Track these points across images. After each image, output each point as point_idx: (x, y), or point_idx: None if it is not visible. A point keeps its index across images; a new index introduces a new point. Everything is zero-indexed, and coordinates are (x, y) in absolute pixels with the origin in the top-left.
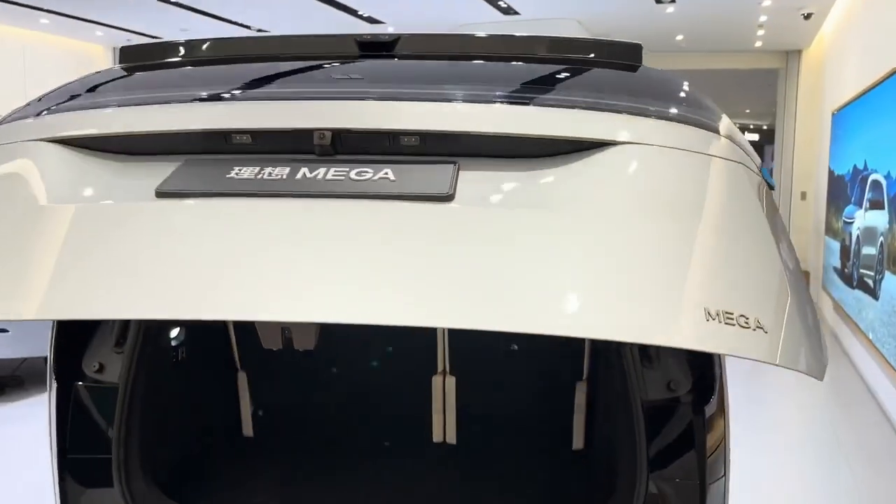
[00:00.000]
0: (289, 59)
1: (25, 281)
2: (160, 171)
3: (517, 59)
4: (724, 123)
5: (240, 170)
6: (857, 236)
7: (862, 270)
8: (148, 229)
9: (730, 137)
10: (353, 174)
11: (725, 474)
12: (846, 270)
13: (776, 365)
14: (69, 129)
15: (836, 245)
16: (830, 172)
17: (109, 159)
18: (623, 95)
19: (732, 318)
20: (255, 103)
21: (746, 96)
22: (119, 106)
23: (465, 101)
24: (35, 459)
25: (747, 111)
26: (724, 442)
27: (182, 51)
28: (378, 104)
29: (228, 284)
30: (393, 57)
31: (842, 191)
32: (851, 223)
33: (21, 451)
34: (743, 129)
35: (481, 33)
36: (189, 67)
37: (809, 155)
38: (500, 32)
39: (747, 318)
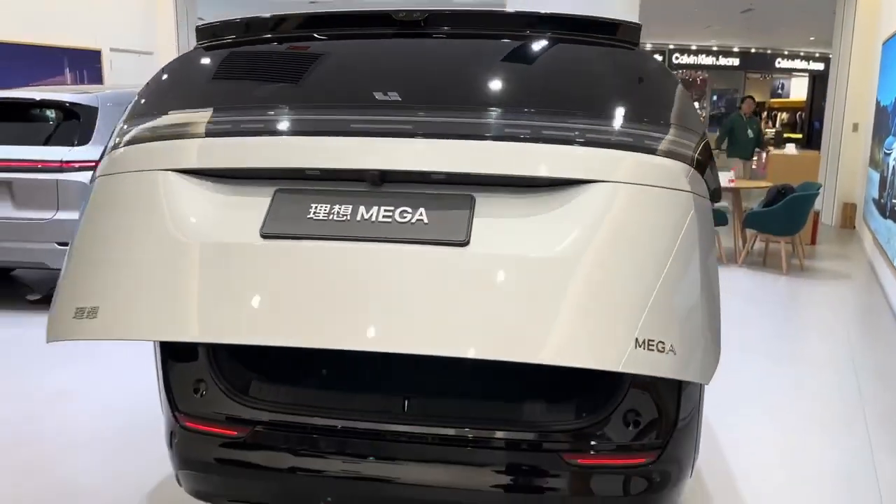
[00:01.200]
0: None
1: (171, 309)
2: (257, 202)
3: (516, 38)
4: (685, 136)
5: (316, 208)
6: (894, 167)
7: (894, 200)
8: (259, 267)
9: (684, 156)
10: (397, 215)
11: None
12: (882, 201)
13: (676, 378)
14: (189, 161)
15: (876, 176)
16: (877, 104)
17: (215, 189)
18: (600, 118)
19: (653, 345)
20: (325, 140)
21: (810, 24)
22: (223, 135)
23: (477, 137)
24: (114, 349)
25: (811, 38)
26: None
27: (250, 31)
28: (415, 145)
29: (307, 317)
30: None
31: (885, 122)
32: (890, 154)
33: (105, 347)
34: (808, 57)
35: (490, 12)
36: (260, 65)
37: (863, 86)
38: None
39: (664, 344)
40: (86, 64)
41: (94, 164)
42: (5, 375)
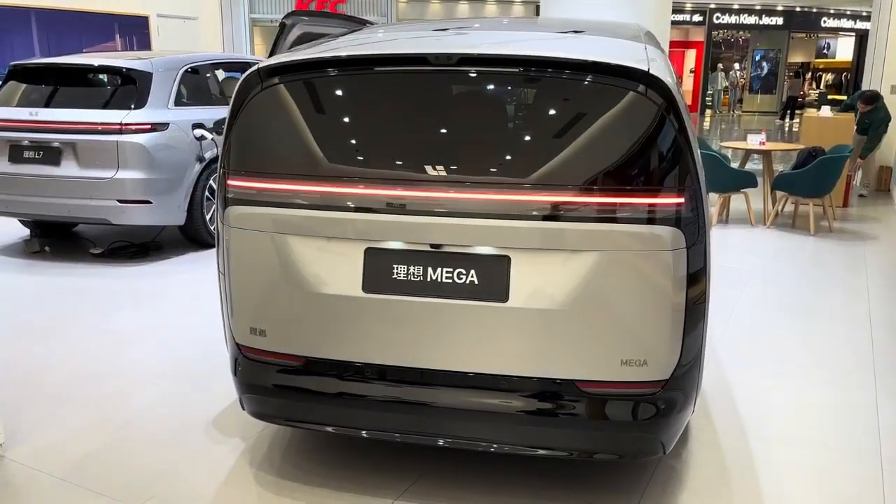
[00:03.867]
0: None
1: (308, 337)
2: (354, 258)
3: (529, 87)
4: (678, 198)
5: (397, 269)
6: None
7: None
8: (363, 312)
9: (672, 220)
10: (456, 276)
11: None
12: None
13: (646, 381)
14: (303, 229)
15: None
16: None
17: (324, 246)
18: (606, 193)
19: (633, 362)
20: (396, 218)
21: None
22: (323, 209)
23: (509, 217)
24: (173, 297)
25: None
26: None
27: (316, 68)
28: (461, 225)
29: (398, 346)
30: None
31: None
32: None
33: (164, 295)
34: (854, 16)
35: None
36: (329, 120)
37: None
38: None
39: (639, 361)
40: (134, 29)
41: (149, 126)
42: (77, 320)
